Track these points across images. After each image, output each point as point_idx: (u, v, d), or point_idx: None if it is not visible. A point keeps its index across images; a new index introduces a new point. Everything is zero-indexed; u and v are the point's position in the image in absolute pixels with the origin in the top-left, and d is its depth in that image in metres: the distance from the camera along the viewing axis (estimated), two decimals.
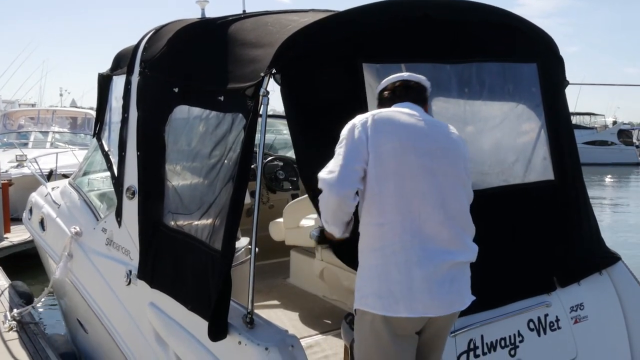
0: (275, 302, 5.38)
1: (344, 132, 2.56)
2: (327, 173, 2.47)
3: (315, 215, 5.43)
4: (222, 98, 3.19)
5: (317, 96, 3.00)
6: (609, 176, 31.84)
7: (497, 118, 3.67)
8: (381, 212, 2.50)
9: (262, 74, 2.85)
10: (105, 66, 5.02)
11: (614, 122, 50.33)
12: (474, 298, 2.60)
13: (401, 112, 2.64)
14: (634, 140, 45.84)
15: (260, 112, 2.85)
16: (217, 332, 2.92)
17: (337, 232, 2.61)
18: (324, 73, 3.03)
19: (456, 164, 2.64)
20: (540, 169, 3.70)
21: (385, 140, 2.51)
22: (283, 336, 2.91)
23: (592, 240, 3.93)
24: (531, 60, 3.71)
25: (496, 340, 3.24)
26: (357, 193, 2.51)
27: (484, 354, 3.19)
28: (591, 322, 3.76)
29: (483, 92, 3.51)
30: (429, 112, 3.33)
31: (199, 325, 3.09)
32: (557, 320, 3.61)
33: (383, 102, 2.81)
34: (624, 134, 44.13)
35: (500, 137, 3.75)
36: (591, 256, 3.89)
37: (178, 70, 3.68)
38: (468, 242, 2.61)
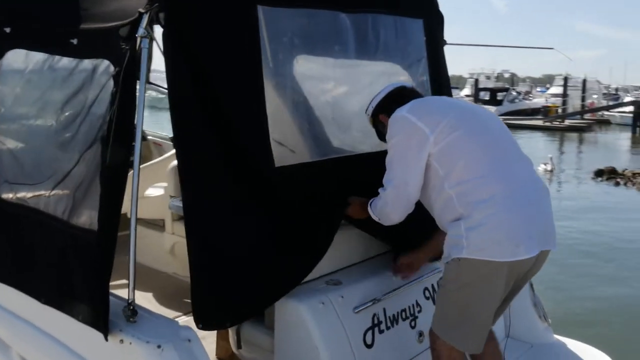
0: (123, 281, 4.76)
1: (398, 136, 2.64)
2: (398, 187, 2.65)
3: (164, 184, 4.87)
4: (75, 41, 2.59)
5: (208, 44, 2.47)
6: None
7: (388, 73, 3.42)
8: (477, 167, 2.53)
9: (141, 10, 2.29)
10: None
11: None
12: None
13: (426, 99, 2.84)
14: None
15: (141, 58, 2.30)
16: (105, 327, 2.35)
17: (399, 219, 2.74)
18: (215, 16, 2.52)
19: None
20: None
21: (438, 120, 2.59)
22: (175, 329, 2.41)
23: None
24: (418, 16, 3.50)
25: (397, 313, 3.02)
26: None
27: (387, 328, 2.94)
28: None
29: (378, 44, 3.24)
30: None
31: (58, 321, 2.50)
32: None
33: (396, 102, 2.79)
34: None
35: None
36: None
37: (9, 6, 2.97)
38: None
